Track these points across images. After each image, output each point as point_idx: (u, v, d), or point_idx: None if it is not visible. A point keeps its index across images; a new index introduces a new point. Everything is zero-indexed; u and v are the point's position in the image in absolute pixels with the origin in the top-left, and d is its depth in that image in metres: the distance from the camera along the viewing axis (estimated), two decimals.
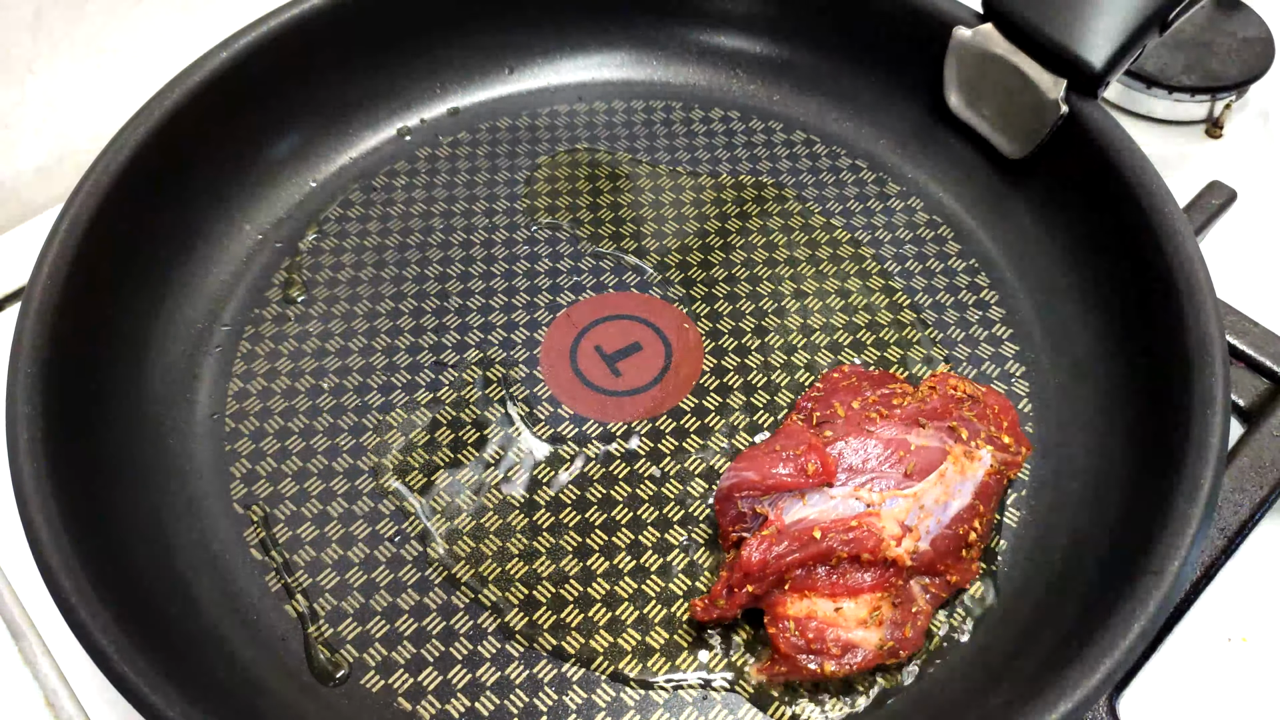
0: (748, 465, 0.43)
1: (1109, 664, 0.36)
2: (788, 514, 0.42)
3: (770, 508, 0.42)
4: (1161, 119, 0.67)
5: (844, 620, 0.41)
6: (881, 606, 0.41)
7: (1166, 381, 0.43)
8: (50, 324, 0.45)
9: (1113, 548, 0.41)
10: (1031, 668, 0.40)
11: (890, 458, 0.43)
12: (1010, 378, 0.50)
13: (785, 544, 0.41)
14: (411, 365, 0.52)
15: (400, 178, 0.60)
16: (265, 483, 0.48)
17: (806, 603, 0.41)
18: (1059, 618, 0.41)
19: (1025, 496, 0.46)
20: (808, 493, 0.42)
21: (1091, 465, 0.46)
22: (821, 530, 0.41)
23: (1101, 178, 0.50)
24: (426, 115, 0.62)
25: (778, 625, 0.41)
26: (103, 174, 0.49)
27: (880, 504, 0.42)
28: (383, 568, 0.45)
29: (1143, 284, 0.46)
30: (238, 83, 0.54)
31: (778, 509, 0.42)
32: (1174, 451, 0.40)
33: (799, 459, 0.43)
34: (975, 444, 0.44)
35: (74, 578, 0.38)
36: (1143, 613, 0.36)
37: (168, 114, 0.52)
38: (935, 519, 0.42)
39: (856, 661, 0.40)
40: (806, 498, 0.42)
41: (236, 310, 0.54)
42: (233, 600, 0.45)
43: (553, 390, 0.51)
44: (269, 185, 0.58)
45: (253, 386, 0.51)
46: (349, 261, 0.56)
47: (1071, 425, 0.48)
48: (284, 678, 0.43)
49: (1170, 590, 0.37)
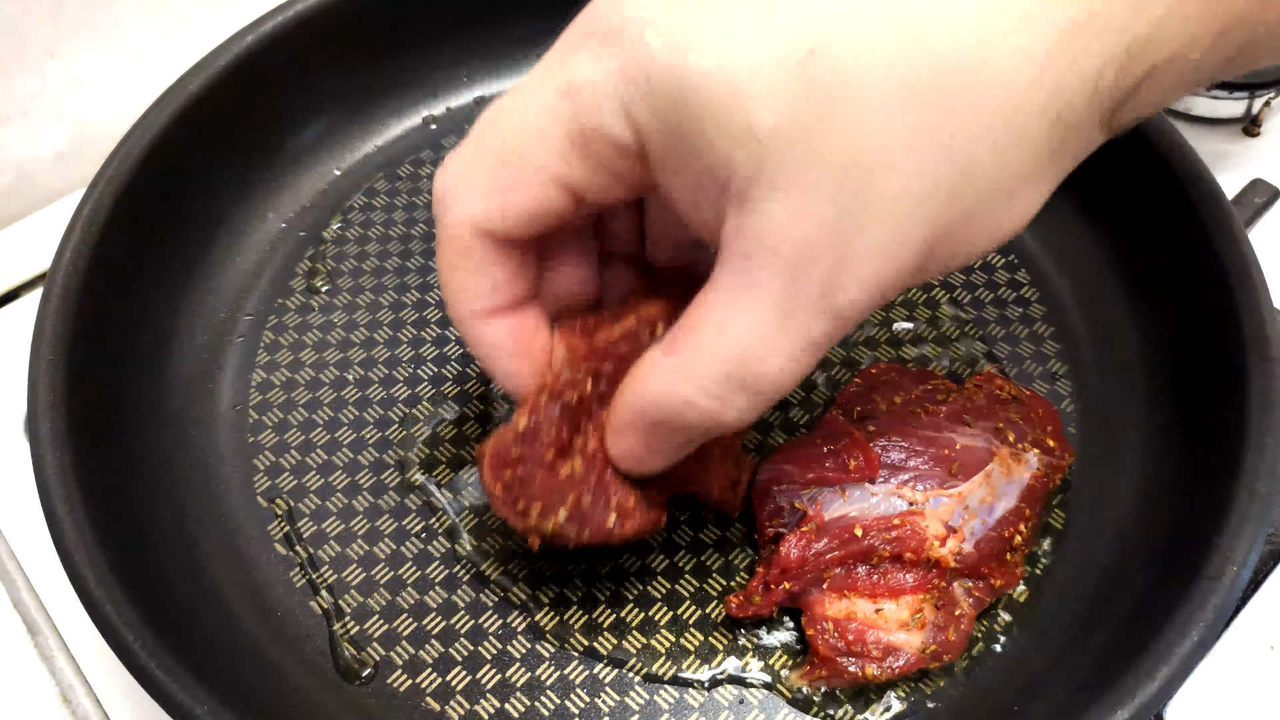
0: (787, 458, 0.42)
1: (1166, 671, 0.34)
2: (827, 510, 0.41)
3: (809, 503, 0.41)
4: (1199, 116, 0.66)
5: (885, 622, 0.40)
6: (924, 609, 0.40)
7: (1219, 381, 0.42)
8: (72, 311, 0.44)
9: (1164, 552, 0.40)
10: (1078, 676, 0.38)
11: (935, 456, 0.42)
12: (1053, 377, 0.49)
13: (825, 541, 0.40)
14: (438, 357, 0.51)
15: (426, 166, 0.59)
16: (289, 476, 0.47)
17: (846, 603, 0.40)
18: (1106, 624, 0.40)
19: (1069, 498, 0.45)
20: (848, 488, 0.41)
21: (1139, 467, 0.44)
22: (863, 528, 0.40)
23: (1149, 171, 0.48)
24: (452, 104, 0.61)
25: (816, 626, 0.40)
26: (125, 160, 0.48)
27: (924, 503, 0.41)
28: (409, 564, 0.44)
29: (1193, 281, 0.45)
30: (262, 68, 0.53)
31: (817, 504, 0.41)
32: (1229, 453, 0.39)
33: (841, 453, 0.41)
34: (1022, 446, 0.43)
35: (98, 572, 0.37)
36: (1201, 618, 0.35)
37: (191, 99, 0.51)
38: (980, 520, 0.41)
39: (899, 665, 0.39)
40: (847, 494, 0.41)
41: (260, 300, 0.53)
42: (256, 596, 0.44)
43: None
44: (293, 173, 0.56)
45: (276, 377, 0.50)
46: (374, 251, 0.55)
47: (1117, 426, 0.47)
48: (308, 675, 0.42)
49: (1227, 596, 0.36)
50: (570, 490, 0.36)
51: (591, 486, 0.36)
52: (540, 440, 0.36)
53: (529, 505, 0.36)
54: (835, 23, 0.26)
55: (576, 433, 0.37)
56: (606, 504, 0.36)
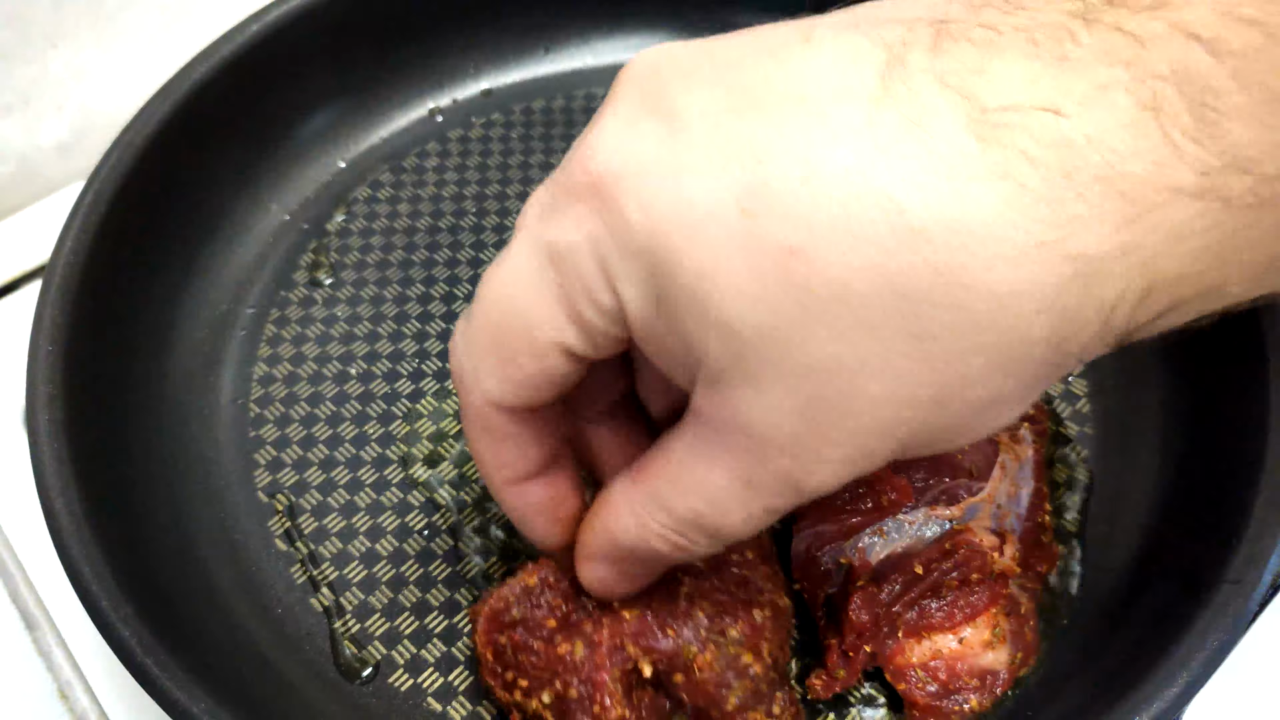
0: (818, 519, 0.39)
1: (1186, 676, 0.34)
2: (872, 554, 0.39)
3: (851, 553, 0.39)
4: None
5: (971, 649, 0.38)
6: (999, 621, 0.38)
7: (1242, 380, 0.41)
8: (71, 302, 0.43)
9: (1183, 556, 0.39)
10: (1095, 681, 0.38)
11: (948, 464, 0.41)
12: (1068, 376, 0.48)
13: (889, 589, 0.38)
14: (443, 352, 0.50)
15: (431, 159, 0.58)
16: (290, 471, 0.46)
17: (927, 644, 0.38)
18: (1123, 629, 0.39)
19: (1088, 501, 0.44)
20: (884, 525, 0.39)
21: (1157, 469, 0.44)
22: (921, 563, 0.38)
23: None
24: (459, 95, 0.60)
25: (906, 679, 0.38)
26: (126, 150, 0.47)
27: (962, 516, 0.39)
28: (412, 561, 0.44)
29: None
30: (267, 58, 0.53)
31: (859, 552, 0.39)
32: (1250, 453, 0.38)
33: (871, 493, 0.39)
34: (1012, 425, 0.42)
35: (95, 567, 0.36)
36: (1221, 624, 0.34)
37: (194, 89, 0.50)
38: (1014, 515, 0.40)
39: (999, 685, 0.38)
40: (884, 531, 0.39)
41: (262, 292, 0.52)
42: (256, 593, 0.43)
43: None
44: (297, 164, 0.56)
45: (278, 371, 0.49)
46: (378, 244, 0.54)
47: (1134, 427, 0.46)
48: (308, 674, 0.41)
49: (1249, 600, 0.35)
50: (562, 674, 0.35)
51: (585, 679, 0.35)
52: (544, 603, 0.36)
53: (516, 678, 0.36)
54: (827, 223, 0.23)
55: (589, 617, 0.36)
56: (590, 706, 0.35)
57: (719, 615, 0.36)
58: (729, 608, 0.36)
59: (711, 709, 0.36)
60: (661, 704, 0.37)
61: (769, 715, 0.37)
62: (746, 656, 0.36)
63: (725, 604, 0.36)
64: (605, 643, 0.35)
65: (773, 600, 0.37)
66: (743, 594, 0.36)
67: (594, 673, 0.35)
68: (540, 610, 0.36)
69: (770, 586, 0.37)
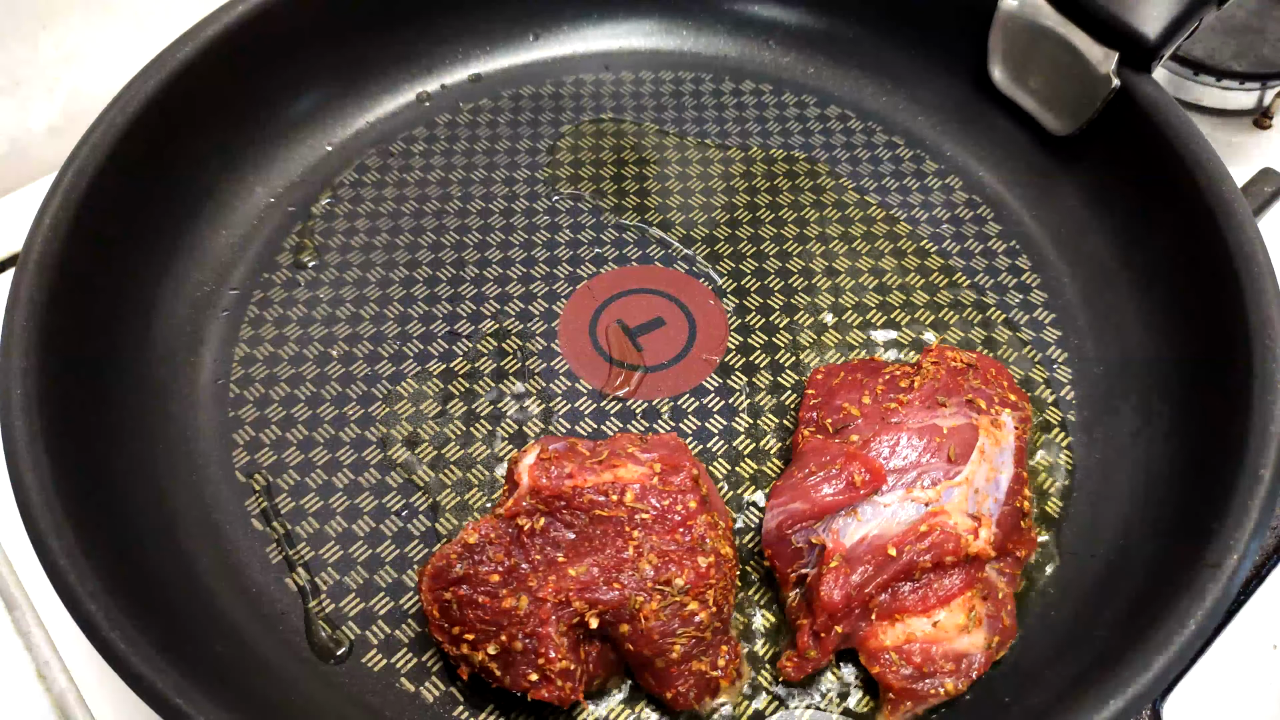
0: (790, 496, 0.39)
1: (1163, 660, 0.33)
2: (846, 535, 0.38)
3: (825, 534, 0.38)
4: (1208, 108, 0.64)
5: (945, 632, 0.37)
6: (975, 605, 0.38)
7: (1222, 367, 0.41)
8: (49, 279, 0.43)
9: (1164, 540, 0.39)
10: (1076, 666, 0.37)
11: (928, 446, 0.40)
12: (1052, 363, 0.48)
13: (862, 571, 0.37)
14: (424, 335, 0.50)
15: (418, 143, 0.58)
16: (269, 451, 0.46)
17: (901, 626, 0.37)
18: (1104, 614, 0.39)
19: (1068, 487, 0.44)
20: (859, 507, 0.39)
21: (1139, 454, 0.43)
22: (895, 545, 0.38)
23: (1155, 156, 0.47)
24: (447, 80, 0.60)
25: (880, 661, 0.37)
26: (109, 128, 0.47)
27: (939, 499, 0.39)
28: (388, 542, 0.43)
29: (1198, 266, 0.44)
30: (254, 38, 0.53)
31: (833, 533, 0.38)
32: (1232, 440, 0.38)
33: (844, 472, 0.39)
34: (995, 411, 0.41)
35: (64, 541, 0.36)
36: (1199, 608, 0.34)
37: (180, 68, 0.50)
38: (992, 499, 0.39)
39: (975, 669, 0.37)
40: (859, 513, 0.38)
41: (245, 274, 0.52)
42: (232, 572, 0.43)
43: (571, 364, 0.49)
44: (283, 147, 0.56)
45: (259, 352, 0.49)
46: (363, 227, 0.54)
47: (1117, 413, 0.45)
48: (283, 654, 0.41)
49: (1228, 585, 0.35)
50: (507, 627, 0.35)
51: (529, 632, 0.35)
52: (486, 559, 0.36)
53: (463, 632, 0.36)
54: None
55: (533, 571, 0.36)
56: (534, 659, 0.35)
57: (664, 565, 0.36)
58: (674, 557, 0.36)
59: (656, 659, 0.36)
60: (609, 656, 0.38)
61: (713, 668, 0.37)
62: (692, 604, 0.36)
63: (671, 554, 0.36)
64: (551, 598, 0.35)
65: (716, 549, 0.37)
66: (687, 542, 0.36)
67: (539, 626, 0.35)
68: (484, 566, 0.36)
69: (713, 535, 0.37)
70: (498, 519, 0.37)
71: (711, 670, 0.37)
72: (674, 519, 0.37)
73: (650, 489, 0.37)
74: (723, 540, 0.38)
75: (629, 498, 0.37)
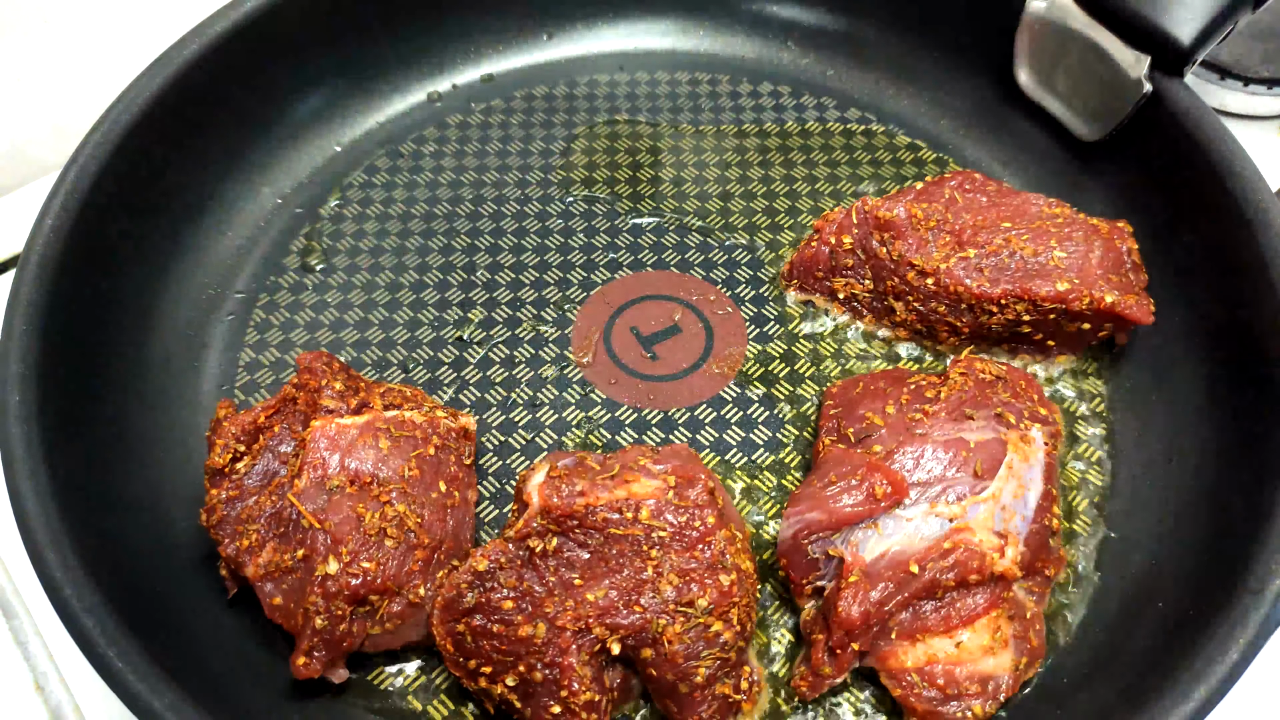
0: (808, 505, 0.38)
1: (1204, 690, 0.32)
2: (865, 549, 0.37)
3: (843, 546, 0.37)
4: (1234, 113, 0.63)
5: (969, 653, 0.36)
6: (1001, 625, 0.36)
7: (1259, 381, 0.39)
8: (49, 282, 0.42)
9: (1202, 563, 0.37)
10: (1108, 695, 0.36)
11: (954, 460, 0.39)
12: (1082, 375, 0.46)
13: (882, 588, 0.36)
14: (434, 341, 0.48)
15: (429, 144, 0.57)
16: None
17: (922, 647, 0.36)
18: (1138, 640, 0.37)
19: (1100, 504, 0.43)
20: (880, 520, 0.37)
21: (1173, 472, 0.42)
22: (917, 562, 0.36)
23: (1187, 161, 0.46)
24: (459, 80, 0.59)
25: (901, 683, 0.36)
26: (112, 128, 0.46)
27: (963, 515, 0.37)
28: None
29: (1232, 274, 0.43)
30: (262, 36, 0.51)
31: (851, 546, 0.37)
32: (1269, 456, 0.37)
33: (864, 483, 0.37)
34: (1024, 425, 0.40)
35: (61, 554, 0.35)
36: (1242, 633, 0.33)
37: (185, 66, 0.49)
38: (1020, 516, 0.38)
39: (1004, 690, 0.36)
40: (881, 526, 0.37)
41: (251, 277, 0.51)
42: None
43: (584, 373, 0.47)
44: (290, 147, 0.54)
45: (265, 357, 0.48)
46: (372, 230, 0.53)
47: (1150, 429, 0.44)
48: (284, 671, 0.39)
49: (1271, 610, 0.33)
50: (525, 656, 0.34)
51: (549, 662, 0.34)
52: (498, 584, 0.35)
53: (480, 664, 0.35)
54: None
55: (548, 594, 0.35)
56: (557, 690, 0.34)
57: (686, 585, 0.35)
58: (695, 576, 0.35)
59: (680, 683, 0.35)
60: (630, 682, 0.36)
61: (736, 691, 0.36)
62: (717, 624, 0.35)
63: (691, 573, 0.35)
64: (570, 625, 0.34)
65: (736, 564, 0.36)
66: (707, 559, 0.35)
67: (559, 656, 0.34)
68: (497, 593, 0.35)
69: (733, 550, 0.36)
70: (507, 542, 0.35)
71: (735, 694, 0.36)
72: (692, 535, 0.35)
73: (666, 504, 0.36)
74: (742, 554, 0.36)
75: (644, 515, 0.35)
